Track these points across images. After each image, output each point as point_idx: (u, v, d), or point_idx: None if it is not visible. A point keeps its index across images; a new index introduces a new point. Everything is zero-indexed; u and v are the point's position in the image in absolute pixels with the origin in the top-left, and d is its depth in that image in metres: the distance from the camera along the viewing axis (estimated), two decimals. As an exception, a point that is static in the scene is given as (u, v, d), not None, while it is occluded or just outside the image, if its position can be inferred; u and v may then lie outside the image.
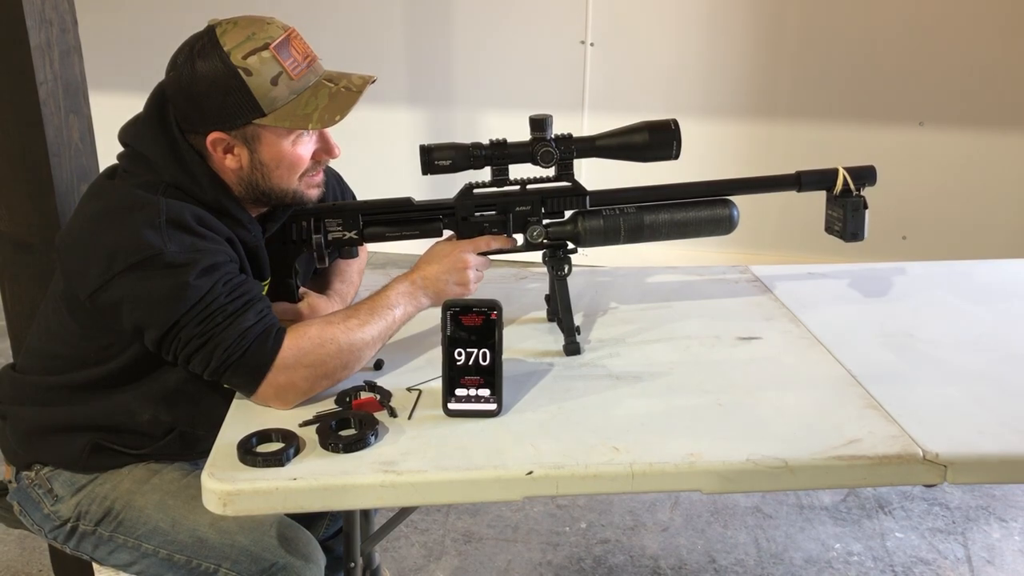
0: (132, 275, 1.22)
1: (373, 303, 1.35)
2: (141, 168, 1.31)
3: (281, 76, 1.26)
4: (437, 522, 2.37)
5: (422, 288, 1.39)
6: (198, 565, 1.35)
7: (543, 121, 1.39)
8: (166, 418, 1.39)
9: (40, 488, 1.42)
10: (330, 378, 1.28)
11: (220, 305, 1.23)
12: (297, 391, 1.26)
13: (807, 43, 3.78)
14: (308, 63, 1.30)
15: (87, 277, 1.25)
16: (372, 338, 1.31)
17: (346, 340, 1.28)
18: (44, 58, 1.69)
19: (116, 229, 1.24)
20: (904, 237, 3.87)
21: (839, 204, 1.47)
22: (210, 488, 1.10)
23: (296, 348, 1.25)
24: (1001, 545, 2.30)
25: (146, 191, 1.28)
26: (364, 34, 4.11)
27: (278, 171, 1.33)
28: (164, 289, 1.22)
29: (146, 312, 1.24)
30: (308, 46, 1.32)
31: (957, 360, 1.40)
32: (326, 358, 1.26)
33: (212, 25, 1.28)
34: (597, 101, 3.99)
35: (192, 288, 1.22)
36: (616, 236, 1.44)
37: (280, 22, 1.30)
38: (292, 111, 1.28)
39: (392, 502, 1.13)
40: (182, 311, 1.22)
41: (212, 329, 1.22)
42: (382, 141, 4.14)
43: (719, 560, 2.24)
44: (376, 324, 1.32)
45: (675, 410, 1.25)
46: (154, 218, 1.24)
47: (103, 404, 1.38)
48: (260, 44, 1.25)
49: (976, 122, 3.73)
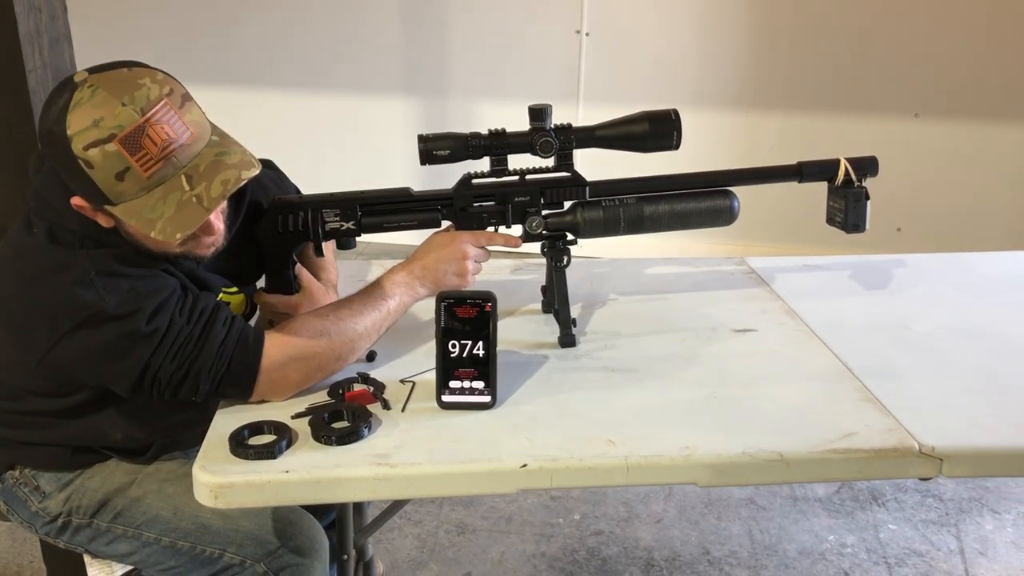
0: (79, 335, 1.17)
1: (367, 293, 1.34)
2: (50, 215, 1.22)
3: (128, 172, 1.10)
4: (431, 514, 2.37)
5: (419, 278, 1.37)
6: (202, 551, 1.34)
7: (542, 111, 1.37)
8: (140, 435, 1.38)
9: (26, 486, 1.40)
10: (324, 370, 1.27)
11: (186, 335, 1.19)
12: (291, 384, 1.25)
13: (803, 34, 3.77)
14: (165, 155, 1.11)
15: (33, 341, 1.20)
16: (366, 328, 1.30)
17: (338, 331, 1.27)
18: (33, 45, 1.67)
19: (50, 291, 1.18)
20: (899, 229, 3.87)
21: (840, 195, 1.47)
22: (202, 481, 1.09)
23: (287, 343, 1.24)
24: (994, 537, 2.31)
25: (64, 248, 1.19)
26: (360, 24, 4.08)
27: (148, 244, 1.20)
28: (118, 344, 1.17)
29: (106, 368, 1.20)
30: (170, 130, 1.11)
31: (953, 353, 1.40)
32: (319, 350, 1.25)
33: (75, 83, 1.12)
34: (592, 91, 3.98)
35: (149, 335, 1.17)
36: (616, 227, 1.43)
37: (149, 93, 1.11)
38: (139, 209, 1.12)
39: (385, 495, 1.13)
40: (147, 355, 1.18)
41: (188, 359, 1.19)
42: (378, 131, 4.12)
43: (713, 552, 2.24)
44: (370, 314, 1.31)
45: (670, 403, 1.25)
46: (83, 276, 1.17)
47: (75, 427, 1.35)
48: (105, 135, 1.08)
49: (972, 114, 3.72)
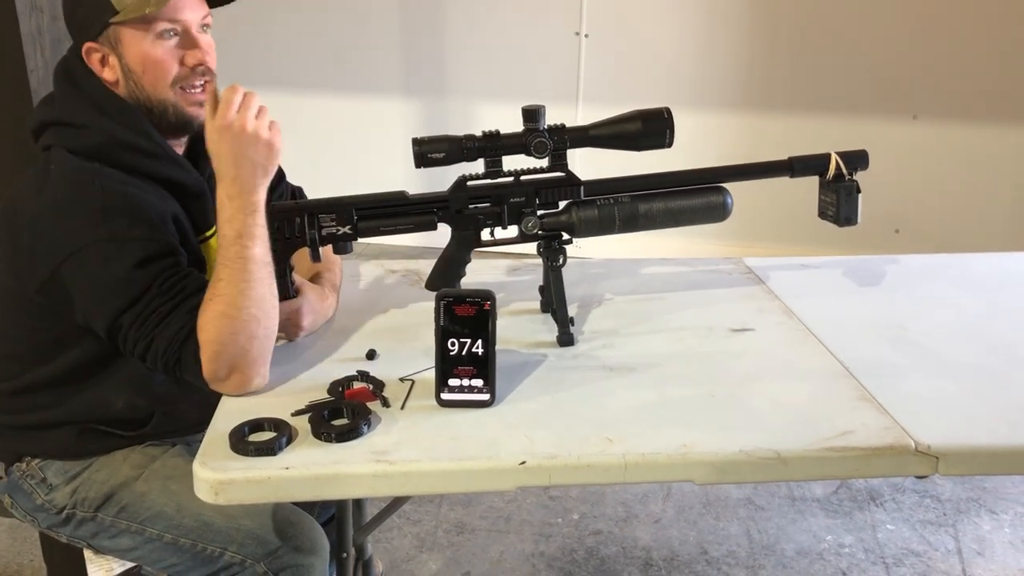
0: (75, 263, 1.23)
1: (223, 256, 1.24)
2: (73, 138, 1.31)
3: None
4: (429, 513, 2.37)
5: (238, 195, 1.24)
6: (203, 549, 1.35)
7: (536, 112, 1.38)
8: (142, 403, 1.39)
9: (33, 479, 1.41)
10: (261, 350, 1.23)
11: (155, 306, 1.23)
12: (246, 380, 1.23)
13: (802, 35, 3.78)
14: None
15: (35, 269, 1.26)
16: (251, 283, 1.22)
17: (236, 313, 1.21)
18: (35, 45, 1.68)
19: (59, 219, 1.25)
20: (897, 230, 3.88)
21: (832, 189, 1.48)
22: (202, 477, 1.10)
23: (214, 361, 1.21)
24: (991, 537, 2.31)
25: (86, 175, 1.28)
26: (358, 25, 4.09)
27: (147, 76, 1.32)
28: (105, 282, 1.23)
29: (91, 304, 1.25)
30: None
31: (950, 352, 1.40)
32: (243, 341, 1.20)
33: None
34: (592, 93, 3.99)
35: (131, 285, 1.22)
36: (611, 225, 1.44)
37: None
38: (137, 6, 1.26)
39: (385, 492, 1.13)
40: (121, 308, 1.23)
41: (151, 331, 1.23)
42: (375, 133, 4.13)
43: (711, 551, 2.25)
44: (241, 271, 1.23)
45: (668, 401, 1.25)
46: (96, 205, 1.25)
47: (76, 400, 1.37)
48: None
49: (970, 116, 3.73)
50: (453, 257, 1.47)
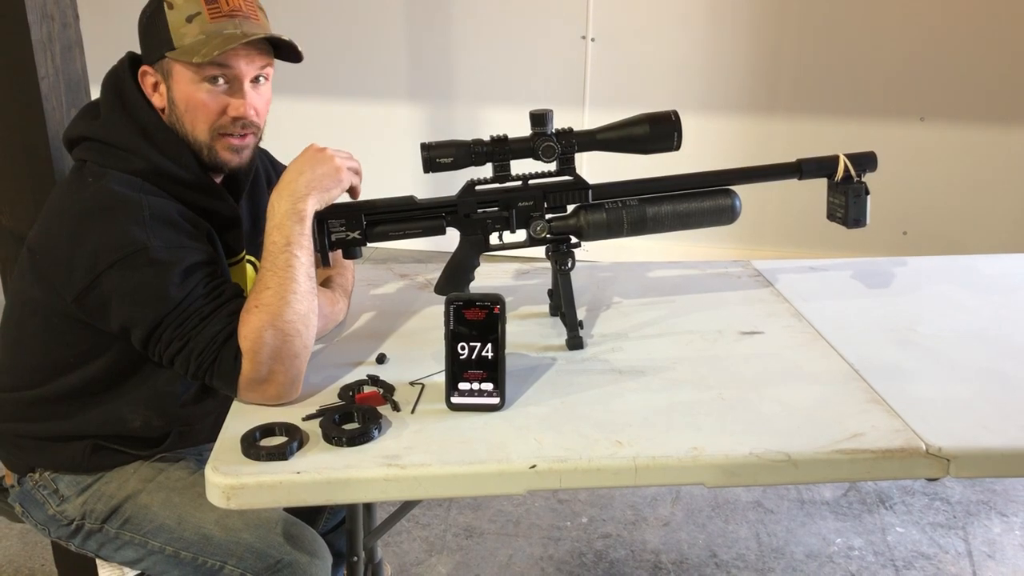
0: (118, 272, 1.22)
1: (271, 262, 1.26)
2: (112, 159, 1.31)
3: (198, 16, 1.28)
4: (438, 517, 2.37)
5: (287, 197, 1.28)
6: (204, 562, 1.35)
7: (543, 116, 1.38)
8: (158, 422, 1.39)
9: (45, 489, 1.41)
10: (298, 356, 1.23)
11: (196, 308, 1.23)
12: (282, 394, 1.24)
13: (808, 38, 3.78)
14: (230, 13, 1.30)
15: (72, 279, 1.25)
16: (297, 295, 1.24)
17: (282, 325, 1.22)
18: (46, 53, 1.69)
19: (99, 228, 1.24)
20: (905, 233, 3.87)
21: (841, 191, 1.48)
22: (214, 482, 1.10)
23: (254, 370, 1.21)
24: (1002, 539, 2.31)
25: (125, 188, 1.27)
26: (364, 30, 4.10)
27: (187, 115, 1.32)
28: (150, 287, 1.22)
29: (132, 310, 1.23)
30: (244, 4, 1.32)
31: (960, 354, 1.40)
32: (278, 346, 1.21)
33: None
34: (598, 97, 3.99)
35: (174, 288, 1.22)
36: (619, 229, 1.44)
37: None
38: (191, 49, 1.28)
39: (395, 496, 1.14)
40: (164, 312, 1.22)
41: (189, 332, 1.22)
42: (382, 138, 4.14)
43: (720, 555, 2.25)
44: (290, 281, 1.24)
45: (678, 404, 1.26)
46: (138, 215, 1.24)
47: (92, 414, 1.37)
48: None
49: (977, 118, 3.72)
50: (462, 261, 1.47)
